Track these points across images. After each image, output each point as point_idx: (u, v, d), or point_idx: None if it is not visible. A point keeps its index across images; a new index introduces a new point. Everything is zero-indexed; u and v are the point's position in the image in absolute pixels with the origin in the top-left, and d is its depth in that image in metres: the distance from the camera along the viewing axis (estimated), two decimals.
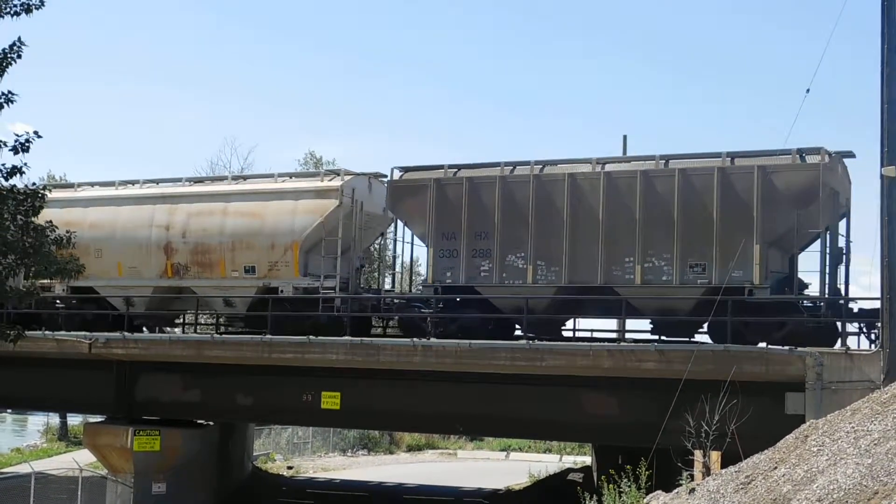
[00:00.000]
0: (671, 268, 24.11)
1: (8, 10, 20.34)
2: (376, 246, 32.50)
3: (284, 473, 42.59)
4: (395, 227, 28.67)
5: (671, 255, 24.12)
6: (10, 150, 20.36)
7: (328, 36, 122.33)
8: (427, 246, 26.94)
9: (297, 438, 51.43)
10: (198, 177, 31.22)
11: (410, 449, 54.52)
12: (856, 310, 23.78)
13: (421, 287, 27.79)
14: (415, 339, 25.47)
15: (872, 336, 23.06)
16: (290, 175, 30.48)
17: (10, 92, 20.50)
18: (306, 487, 39.00)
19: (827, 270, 24.05)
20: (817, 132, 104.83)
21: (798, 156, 23.67)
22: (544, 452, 52.20)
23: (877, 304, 21.80)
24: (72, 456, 38.87)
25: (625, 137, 34.38)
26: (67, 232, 21.49)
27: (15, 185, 20.98)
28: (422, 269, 36.64)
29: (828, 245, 24.17)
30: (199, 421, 32.12)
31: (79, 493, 29.77)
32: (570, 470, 39.23)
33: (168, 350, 28.83)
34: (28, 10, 20.40)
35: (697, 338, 24.97)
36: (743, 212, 23.58)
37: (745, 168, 23.77)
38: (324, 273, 28.10)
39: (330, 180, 28.85)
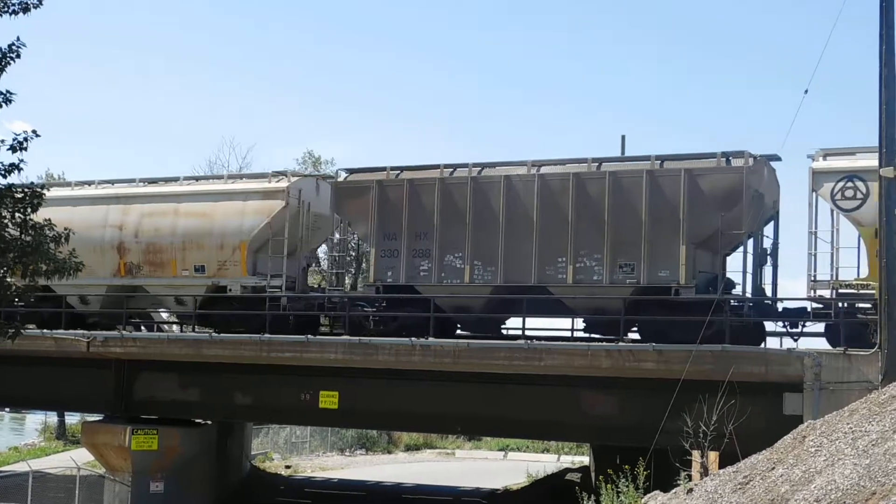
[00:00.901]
0: (602, 268, 24.75)
1: (6, 9, 20.31)
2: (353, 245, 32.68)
3: (282, 473, 42.61)
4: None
5: (602, 256, 24.77)
6: (8, 148, 20.35)
7: (329, 35, 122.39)
8: (369, 246, 27.66)
9: (295, 438, 51.43)
10: (151, 178, 31.58)
11: (408, 448, 54.52)
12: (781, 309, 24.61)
13: (363, 286, 28.29)
14: (413, 338, 25.51)
15: (794, 334, 23.80)
16: (241, 176, 31.31)
17: (8, 91, 20.48)
18: (304, 487, 39.03)
19: (749, 271, 24.82)
20: (817, 131, 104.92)
21: (723, 159, 24.23)
22: (542, 452, 52.22)
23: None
24: (70, 455, 38.87)
25: (623, 137, 34.36)
26: (66, 229, 21.48)
27: (13, 184, 20.97)
28: None
29: (751, 246, 24.94)
30: (198, 420, 32.12)
31: (76, 491, 29.79)
32: (568, 470, 39.24)
33: (166, 349, 28.84)
34: (26, 10, 20.37)
35: (633, 336, 25.34)
36: (670, 213, 24.24)
37: (673, 171, 24.41)
38: (270, 272, 28.74)
39: (277, 182, 29.57)
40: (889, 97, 19.40)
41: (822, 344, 23.18)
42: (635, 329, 25.25)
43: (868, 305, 22.64)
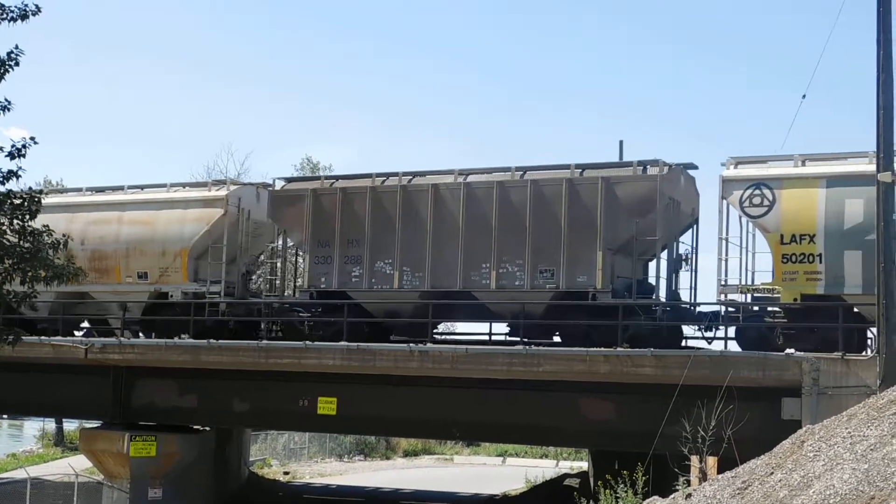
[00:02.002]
0: (523, 273, 25.41)
1: (4, 16, 20.32)
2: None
3: (281, 479, 42.60)
4: None
5: (523, 261, 25.43)
6: (6, 155, 20.34)
7: (327, 39, 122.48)
8: (304, 253, 28.49)
9: (293, 444, 51.42)
10: (98, 186, 32.32)
11: (407, 454, 54.52)
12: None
13: (298, 292, 29.21)
14: (411, 344, 25.56)
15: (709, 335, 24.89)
16: (183, 185, 31.82)
17: (6, 100, 20.50)
18: (303, 493, 39.04)
19: (664, 276, 25.71)
20: (818, 131, 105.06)
21: (639, 168, 24.95)
22: (541, 458, 52.25)
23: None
24: (68, 461, 38.78)
25: (621, 143, 34.31)
26: (64, 235, 21.50)
27: (11, 190, 20.97)
28: None
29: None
30: (196, 426, 32.12)
31: (75, 498, 29.74)
32: (566, 475, 39.19)
33: (164, 355, 28.83)
34: (25, 17, 20.38)
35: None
36: (588, 220, 24.96)
37: (591, 179, 25.17)
38: (210, 279, 29.51)
39: (217, 190, 30.35)
40: (886, 102, 19.43)
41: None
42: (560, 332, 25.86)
43: (777, 309, 23.31)
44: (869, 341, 23.49)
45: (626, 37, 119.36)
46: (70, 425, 53.92)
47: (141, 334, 30.83)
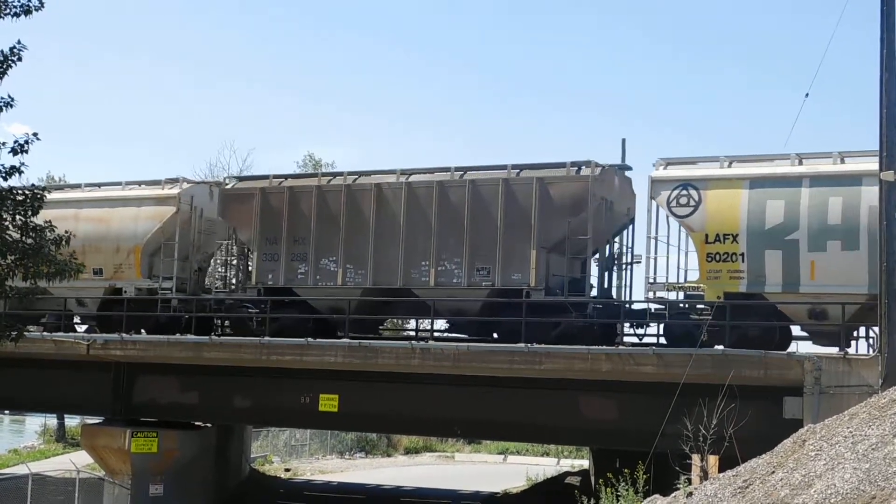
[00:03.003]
0: (461, 271, 26.05)
1: (7, 11, 20.35)
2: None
3: (282, 476, 42.61)
4: None
5: (461, 260, 26.07)
6: (9, 151, 20.39)
7: (330, 37, 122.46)
8: (252, 250, 29.06)
9: (294, 441, 51.44)
10: (56, 184, 32.87)
11: (408, 452, 54.51)
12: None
13: (247, 288, 29.72)
14: (413, 341, 25.64)
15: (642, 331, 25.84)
16: (139, 183, 32.28)
17: (9, 95, 20.55)
18: (304, 490, 39.02)
19: (596, 274, 26.52)
20: (819, 132, 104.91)
21: (573, 168, 25.57)
22: (542, 456, 52.22)
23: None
24: (69, 457, 38.84)
25: (623, 141, 34.29)
26: (66, 232, 21.55)
27: (13, 186, 21.01)
28: None
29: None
30: (197, 423, 32.13)
31: (76, 494, 29.77)
32: (567, 473, 39.19)
33: (166, 352, 28.82)
34: (28, 12, 20.42)
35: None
36: (523, 220, 25.56)
37: (526, 180, 25.77)
38: (162, 275, 30.23)
39: (170, 188, 30.90)
40: (889, 102, 19.41)
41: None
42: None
43: (704, 306, 23.75)
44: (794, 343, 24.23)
45: (626, 36, 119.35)
46: (71, 421, 53.98)
47: (97, 329, 31.05)
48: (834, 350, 22.52)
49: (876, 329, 22.58)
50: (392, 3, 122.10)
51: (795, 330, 24.15)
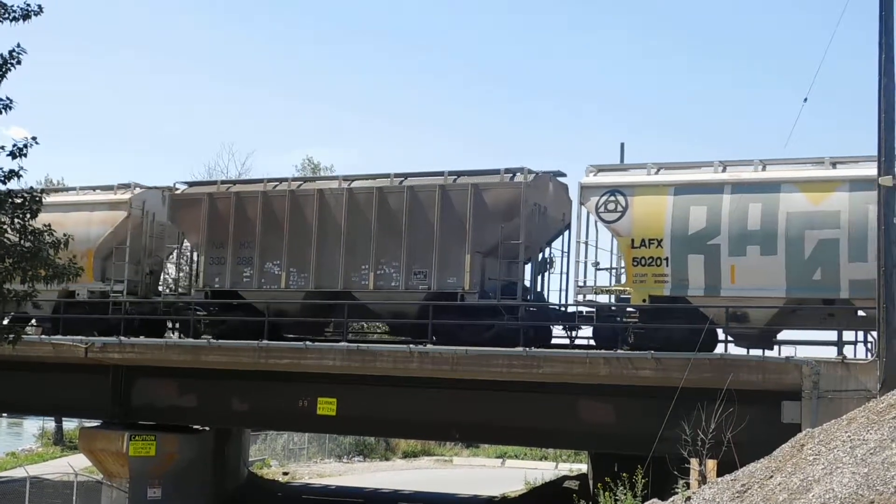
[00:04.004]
0: (399, 274, 26.74)
1: (7, 15, 20.33)
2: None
3: (280, 479, 42.55)
4: None
5: (399, 264, 26.76)
6: (7, 154, 20.36)
7: (329, 39, 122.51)
8: (200, 254, 29.88)
9: (292, 444, 51.37)
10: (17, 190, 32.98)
11: (406, 455, 54.46)
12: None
13: (195, 292, 30.39)
14: (411, 345, 25.60)
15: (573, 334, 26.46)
16: (93, 188, 33.06)
17: (8, 99, 20.52)
18: (302, 493, 39.01)
19: (529, 278, 26.98)
20: (819, 132, 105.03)
21: (507, 175, 26.28)
22: (540, 460, 52.17)
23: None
24: (67, 460, 38.78)
25: (622, 146, 34.34)
26: (65, 235, 21.54)
27: (11, 189, 20.99)
28: None
29: (531, 256, 26.93)
30: (196, 426, 32.11)
31: (74, 497, 29.76)
32: (566, 477, 39.17)
33: (164, 355, 28.83)
34: (27, 17, 20.40)
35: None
36: (459, 225, 26.25)
37: (462, 186, 26.46)
38: (114, 278, 31.02)
39: (122, 193, 31.80)
40: (888, 106, 19.44)
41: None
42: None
43: (632, 309, 24.58)
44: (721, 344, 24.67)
45: (627, 37, 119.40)
46: (69, 424, 53.92)
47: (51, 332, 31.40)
48: (832, 354, 22.60)
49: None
50: (393, 5, 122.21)
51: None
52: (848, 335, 23.77)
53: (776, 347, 24.41)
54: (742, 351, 23.96)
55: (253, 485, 37.94)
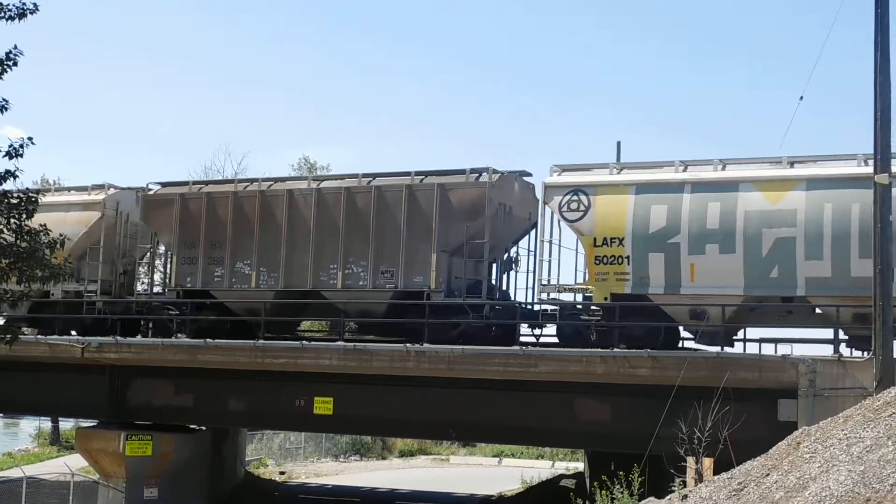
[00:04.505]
0: (367, 273, 27.18)
1: (3, 14, 20.31)
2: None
3: (277, 479, 42.55)
4: None
5: (367, 263, 27.20)
6: (3, 155, 20.36)
7: (325, 37, 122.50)
8: (172, 254, 30.32)
9: (289, 444, 51.37)
10: None
11: (403, 454, 54.47)
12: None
13: (167, 291, 30.80)
14: (407, 344, 25.58)
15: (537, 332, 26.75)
16: (68, 189, 33.71)
17: (4, 100, 20.52)
18: (298, 493, 39.03)
19: (495, 276, 27.56)
20: (817, 131, 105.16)
21: (472, 175, 26.68)
22: (537, 458, 52.20)
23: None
24: (64, 460, 38.72)
25: (618, 144, 34.38)
26: (61, 235, 21.56)
27: (7, 190, 20.99)
28: None
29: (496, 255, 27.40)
30: (192, 426, 32.10)
31: (70, 497, 29.71)
32: (562, 476, 39.19)
33: (161, 354, 28.81)
34: (23, 16, 20.38)
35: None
36: (425, 224, 26.66)
37: (428, 186, 26.86)
38: (88, 278, 31.42)
39: (96, 194, 32.21)
40: (884, 105, 19.47)
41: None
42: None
43: (596, 307, 24.97)
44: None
45: (627, 37, 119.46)
46: (66, 424, 53.87)
47: (27, 331, 31.50)
48: (828, 352, 22.63)
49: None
50: (393, 4, 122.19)
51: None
52: (814, 334, 24.27)
53: (741, 345, 24.66)
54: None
55: (250, 484, 37.94)
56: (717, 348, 23.40)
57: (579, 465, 41.96)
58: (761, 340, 24.09)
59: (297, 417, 29.19)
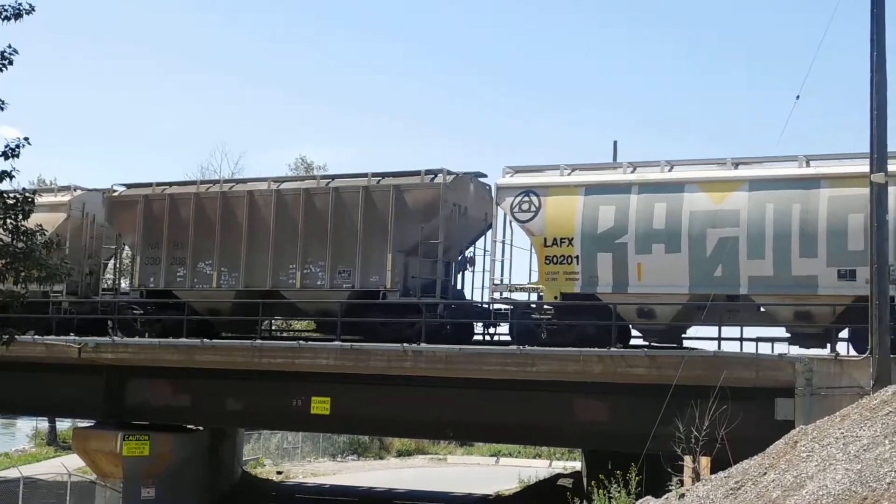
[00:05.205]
0: (325, 273, 27.64)
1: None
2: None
3: (274, 478, 42.52)
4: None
5: (325, 263, 27.66)
6: (0, 155, 20.34)
7: (322, 37, 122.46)
8: (136, 254, 31.02)
9: (286, 443, 51.36)
10: None
11: (400, 454, 54.47)
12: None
13: (130, 291, 31.26)
14: (405, 344, 25.59)
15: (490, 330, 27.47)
16: (34, 191, 33.13)
17: (1, 100, 20.50)
18: (296, 492, 38.99)
19: (445, 276, 27.65)
20: (817, 130, 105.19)
21: (427, 176, 27.13)
22: (534, 458, 52.20)
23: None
24: (61, 461, 38.72)
25: (615, 143, 34.55)
26: (57, 235, 21.55)
27: (3, 190, 20.98)
28: None
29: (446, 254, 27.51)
30: (189, 426, 32.09)
31: (67, 497, 29.73)
32: (559, 475, 39.19)
33: (158, 355, 28.81)
34: (19, 16, 20.36)
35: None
36: (381, 225, 27.18)
37: (384, 187, 27.43)
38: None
39: (62, 196, 32.56)
40: (880, 103, 19.45)
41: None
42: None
43: (549, 306, 25.46)
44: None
45: (626, 37, 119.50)
46: (63, 424, 53.79)
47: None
48: (825, 351, 22.66)
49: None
50: (392, 3, 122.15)
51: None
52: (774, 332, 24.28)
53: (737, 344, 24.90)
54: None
55: (247, 484, 37.92)
56: (714, 347, 23.47)
57: (577, 465, 41.97)
58: (758, 339, 24.19)
59: (294, 417, 29.18)
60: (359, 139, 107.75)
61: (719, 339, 23.66)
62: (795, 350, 23.54)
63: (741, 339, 24.42)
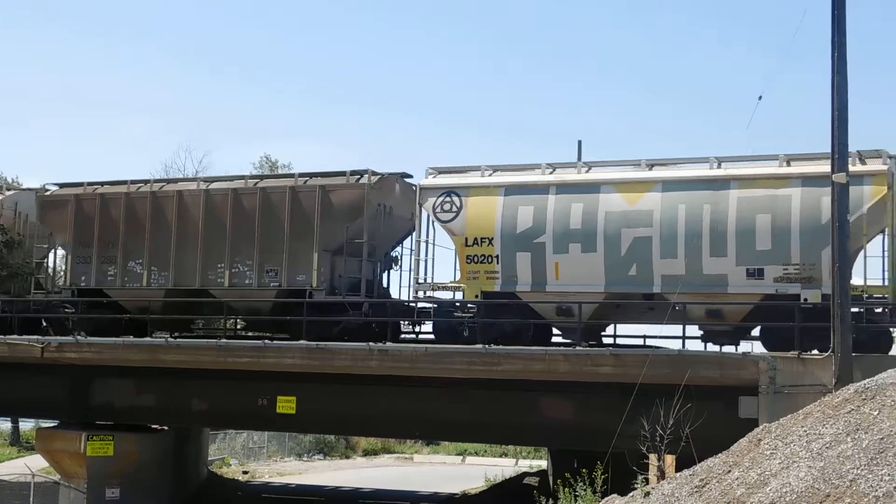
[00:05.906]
0: (252, 272, 28.10)
1: None
2: None
3: (240, 478, 42.36)
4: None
5: (253, 262, 28.11)
6: None
7: (296, 29, 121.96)
8: (67, 253, 31.15)
9: (252, 443, 51.19)
10: None
11: (367, 453, 54.41)
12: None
13: (61, 290, 31.40)
14: (370, 343, 25.58)
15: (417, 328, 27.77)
16: None
17: None
18: (262, 492, 38.86)
19: (367, 275, 27.96)
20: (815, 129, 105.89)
21: (352, 177, 27.69)
22: (500, 457, 52.26)
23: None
24: (24, 461, 38.42)
25: (579, 143, 34.77)
26: (19, 234, 21.45)
27: None
28: None
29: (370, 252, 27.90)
30: (154, 426, 31.93)
31: (31, 498, 29.54)
32: (526, 474, 39.27)
33: (122, 354, 28.63)
34: None
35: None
36: (307, 224, 27.61)
37: (310, 188, 27.94)
38: None
39: None
40: (841, 104, 19.60)
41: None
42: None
43: (472, 305, 25.86)
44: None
45: (625, 38, 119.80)
46: (26, 425, 53.35)
47: None
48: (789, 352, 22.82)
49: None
50: (372, 3, 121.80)
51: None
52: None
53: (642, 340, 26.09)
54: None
55: (213, 484, 37.76)
56: (679, 346, 23.63)
57: (542, 463, 42.07)
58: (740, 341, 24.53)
59: (260, 417, 29.10)
60: (360, 138, 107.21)
61: (683, 337, 23.85)
62: (759, 348, 23.73)
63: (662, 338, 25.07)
